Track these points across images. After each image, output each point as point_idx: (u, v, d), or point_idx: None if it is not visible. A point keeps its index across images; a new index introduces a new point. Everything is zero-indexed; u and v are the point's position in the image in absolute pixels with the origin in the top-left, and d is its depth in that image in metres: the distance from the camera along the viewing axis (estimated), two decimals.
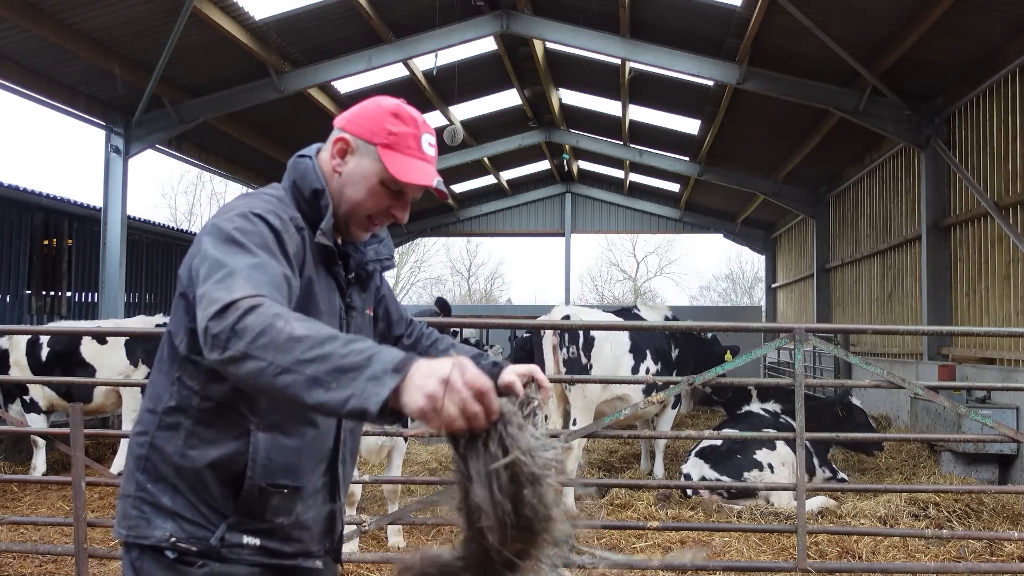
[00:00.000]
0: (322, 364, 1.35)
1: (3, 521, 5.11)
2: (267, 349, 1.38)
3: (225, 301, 1.44)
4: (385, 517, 4.92)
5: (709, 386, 6.07)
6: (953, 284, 10.48)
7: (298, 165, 1.88)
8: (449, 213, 23.13)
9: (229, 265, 1.54)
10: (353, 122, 1.85)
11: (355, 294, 1.94)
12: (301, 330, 1.38)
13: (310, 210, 1.82)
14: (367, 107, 1.86)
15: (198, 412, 1.71)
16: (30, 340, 8.03)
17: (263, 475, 1.71)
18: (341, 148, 1.84)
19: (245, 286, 1.48)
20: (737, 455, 6.78)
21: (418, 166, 1.82)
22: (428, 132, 1.86)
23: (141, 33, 9.90)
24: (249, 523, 1.73)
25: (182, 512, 1.70)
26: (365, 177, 1.82)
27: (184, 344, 1.73)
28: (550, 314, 7.89)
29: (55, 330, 7.22)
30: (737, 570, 4.65)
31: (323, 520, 1.87)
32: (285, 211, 1.77)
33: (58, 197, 12.55)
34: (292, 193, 1.85)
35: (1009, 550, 5.33)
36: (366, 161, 1.82)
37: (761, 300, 32.77)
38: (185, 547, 1.68)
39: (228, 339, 1.41)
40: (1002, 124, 9.12)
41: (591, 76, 14.43)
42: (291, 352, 1.37)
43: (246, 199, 1.77)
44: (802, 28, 9.25)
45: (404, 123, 1.82)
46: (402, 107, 1.85)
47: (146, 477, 1.73)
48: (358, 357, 1.35)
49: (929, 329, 7.31)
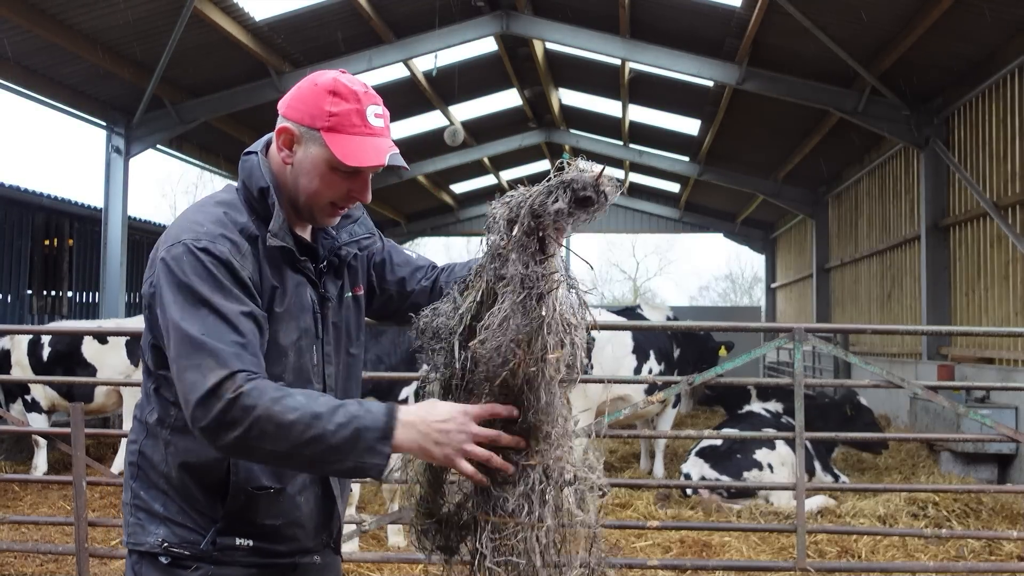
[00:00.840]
0: (317, 446, 1.49)
1: (4, 520, 5.12)
2: (262, 440, 1.48)
3: (202, 390, 1.50)
4: (385, 517, 4.93)
5: (707, 385, 6.08)
6: (952, 284, 10.49)
7: (244, 163, 1.81)
8: (449, 213, 23.13)
9: (188, 333, 1.55)
10: (292, 107, 1.74)
11: (329, 283, 1.86)
12: (285, 414, 1.48)
13: (262, 209, 1.75)
14: (304, 88, 1.74)
15: (174, 422, 1.71)
16: (31, 340, 8.04)
17: (247, 478, 1.70)
18: (286, 139, 1.75)
19: (215, 366, 1.51)
20: (737, 455, 6.78)
21: (367, 144, 1.70)
22: (373, 102, 1.72)
23: (142, 33, 9.90)
24: (240, 525, 1.73)
25: (173, 517, 1.71)
26: (315, 165, 1.72)
27: (151, 360, 1.74)
28: None
29: (56, 330, 7.23)
30: (736, 569, 4.66)
31: (318, 515, 1.84)
32: (234, 222, 1.70)
33: (59, 197, 12.56)
34: (243, 194, 1.78)
35: (1008, 549, 5.34)
36: (313, 148, 1.72)
37: (761, 300, 32.77)
38: (178, 552, 1.69)
39: (217, 432, 1.50)
40: (1001, 124, 9.13)
41: (591, 76, 14.43)
42: (285, 439, 1.48)
43: (194, 215, 1.72)
44: (802, 28, 9.26)
45: (344, 99, 1.69)
46: (339, 81, 1.71)
47: (139, 484, 1.76)
48: (346, 432, 1.49)
49: (928, 329, 7.35)
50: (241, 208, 1.75)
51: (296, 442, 1.47)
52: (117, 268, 11.43)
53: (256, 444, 1.49)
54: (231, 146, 14.54)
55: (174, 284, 1.61)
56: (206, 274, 1.60)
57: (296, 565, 1.83)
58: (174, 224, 1.73)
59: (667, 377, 7.02)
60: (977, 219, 9.77)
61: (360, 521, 4.82)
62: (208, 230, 1.66)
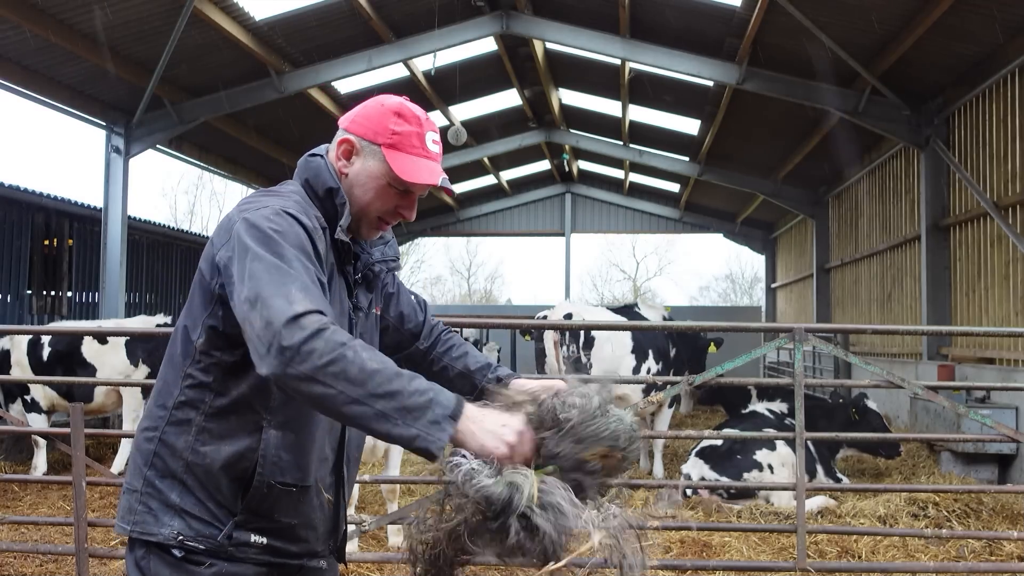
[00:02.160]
0: (391, 401, 1.46)
1: (4, 521, 5.12)
2: (338, 378, 1.45)
3: (288, 314, 1.47)
4: (385, 517, 4.93)
5: (706, 385, 6.07)
6: (953, 284, 10.49)
7: (310, 164, 1.87)
8: (449, 213, 23.13)
9: (279, 267, 1.55)
10: (356, 122, 1.84)
11: (361, 294, 1.93)
12: (372, 364, 1.48)
13: (324, 208, 1.82)
14: (370, 107, 1.85)
15: (211, 408, 1.71)
16: (31, 340, 8.04)
17: (272, 472, 1.71)
18: (346, 149, 1.83)
19: (304, 299, 1.51)
20: (737, 455, 6.77)
21: (423, 164, 1.81)
22: (432, 129, 1.85)
23: (142, 33, 9.91)
24: (256, 521, 1.73)
25: (190, 509, 1.70)
26: (372, 178, 1.81)
27: (202, 340, 1.72)
28: (553, 310, 7.89)
29: (56, 330, 7.23)
30: (737, 570, 4.66)
31: (329, 520, 1.87)
32: (310, 209, 1.77)
33: (59, 197, 12.56)
34: (307, 192, 1.85)
35: (1008, 550, 5.33)
36: (372, 162, 1.81)
37: (761, 300, 32.77)
38: (192, 545, 1.68)
39: (293, 358, 1.45)
40: (1001, 124, 9.13)
41: (591, 76, 14.44)
42: (363, 385, 1.46)
43: (271, 197, 1.77)
44: (802, 28, 9.26)
45: (407, 122, 1.81)
46: (405, 105, 1.84)
47: (155, 473, 1.72)
48: (421, 399, 1.49)
49: (929, 329, 7.33)
50: (308, 200, 1.82)
51: (373, 391, 1.46)
52: (117, 268, 11.43)
53: (331, 381, 1.45)
54: (231, 146, 14.54)
55: (260, 235, 1.61)
56: (291, 232, 1.64)
57: (303, 567, 1.84)
58: (244, 202, 1.75)
59: (667, 377, 7.01)
60: (977, 219, 9.77)
61: (360, 521, 4.82)
62: (293, 204, 1.73)
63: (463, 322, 5.30)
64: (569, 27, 11.57)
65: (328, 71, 11.88)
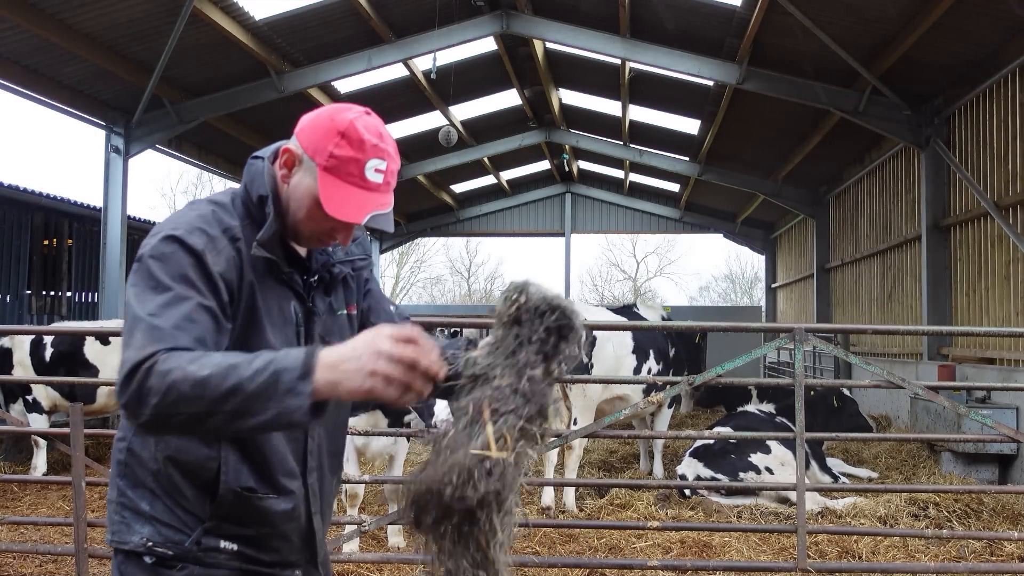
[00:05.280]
0: (236, 397, 1.41)
1: (3, 521, 5.11)
2: (179, 404, 1.42)
3: (127, 367, 1.46)
4: (385, 517, 4.92)
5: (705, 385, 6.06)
6: (953, 284, 10.48)
7: (250, 168, 1.79)
8: (449, 213, 23.13)
9: (136, 314, 1.54)
10: (304, 132, 1.71)
11: (318, 298, 1.84)
12: (203, 371, 1.42)
13: (259, 216, 1.73)
14: (322, 118, 1.70)
15: None
16: (34, 340, 8.04)
17: (236, 479, 1.70)
18: (289, 159, 1.72)
19: (144, 343, 1.48)
20: (731, 454, 6.78)
21: (354, 197, 1.65)
22: (379, 156, 1.67)
23: (141, 33, 9.90)
24: (226, 528, 1.72)
25: (160, 516, 1.70)
26: (305, 196, 1.70)
27: None
28: None
29: (58, 330, 7.22)
30: (737, 570, 4.66)
31: (303, 530, 1.84)
32: (219, 220, 1.69)
33: (58, 197, 12.56)
34: (243, 197, 1.76)
35: (1009, 550, 5.33)
36: (308, 179, 1.69)
37: (761, 300, 32.77)
38: (162, 551, 1.69)
39: (137, 406, 1.44)
40: (1002, 124, 9.12)
41: (591, 76, 14.43)
42: (203, 397, 1.41)
43: (182, 211, 1.72)
44: (802, 28, 9.25)
45: (350, 146, 1.65)
46: (355, 125, 1.66)
47: (126, 483, 1.74)
48: (264, 375, 1.40)
49: (929, 329, 7.32)
50: (232, 211, 1.74)
51: (214, 397, 1.40)
52: (116, 268, 11.43)
53: (174, 410, 1.42)
54: (230, 146, 14.53)
55: (140, 270, 1.61)
56: (171, 259, 1.60)
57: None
58: (167, 219, 1.74)
59: (667, 378, 7.00)
60: (978, 219, 9.76)
61: (360, 521, 4.81)
62: (187, 222, 1.66)
63: (463, 322, 5.30)
64: (569, 27, 11.57)
65: (328, 71, 11.87)
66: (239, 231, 1.71)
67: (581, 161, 21.15)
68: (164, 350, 1.46)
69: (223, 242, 1.67)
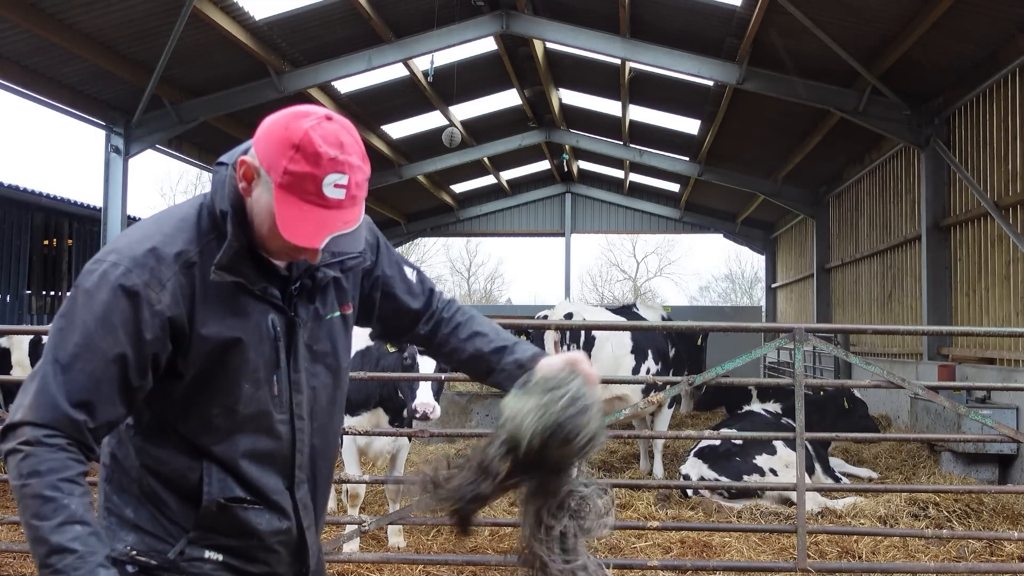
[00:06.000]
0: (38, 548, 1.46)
1: (3, 521, 5.11)
2: (21, 501, 1.48)
3: (9, 421, 1.51)
4: (385, 517, 4.93)
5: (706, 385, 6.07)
6: (953, 284, 10.48)
7: (214, 176, 1.66)
8: (449, 213, 23.13)
9: (47, 353, 1.54)
10: (260, 142, 1.56)
11: (301, 307, 1.72)
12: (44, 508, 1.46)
13: (220, 230, 1.61)
14: (276, 127, 1.54)
15: (145, 428, 1.67)
16: (33, 340, 8.04)
17: (220, 490, 1.65)
18: (246, 172, 1.57)
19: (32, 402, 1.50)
20: (736, 456, 6.76)
21: (312, 217, 1.50)
22: (337, 170, 1.49)
23: (141, 33, 9.90)
24: (211, 538, 1.67)
25: (143, 525, 1.65)
26: (265, 213, 1.56)
27: None
28: (553, 310, 7.89)
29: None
30: (737, 570, 4.66)
31: (293, 543, 1.77)
32: (173, 246, 1.58)
33: (58, 197, 12.56)
34: (208, 209, 1.65)
35: (1009, 550, 5.33)
36: (266, 195, 1.55)
37: (761, 300, 32.76)
38: (144, 560, 1.64)
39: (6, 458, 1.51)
40: (1002, 124, 9.12)
41: (591, 76, 14.43)
42: (29, 526, 1.47)
43: (138, 228, 1.65)
44: (802, 28, 9.25)
45: (305, 160, 1.48)
46: (310, 136, 1.49)
47: (111, 487, 1.70)
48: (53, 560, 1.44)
49: (929, 329, 7.36)
50: (196, 225, 1.63)
51: (34, 535, 1.46)
52: None
53: (18, 498, 1.49)
54: (230, 146, 14.10)
55: (70, 302, 1.56)
56: (100, 304, 1.52)
57: None
58: (125, 231, 1.66)
59: (667, 378, 7.01)
60: (978, 219, 9.76)
61: (360, 521, 4.81)
62: (132, 252, 1.56)
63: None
64: (569, 27, 11.56)
65: (328, 71, 11.87)
66: (195, 255, 1.60)
67: (581, 161, 21.15)
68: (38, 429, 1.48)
69: (169, 272, 1.56)
